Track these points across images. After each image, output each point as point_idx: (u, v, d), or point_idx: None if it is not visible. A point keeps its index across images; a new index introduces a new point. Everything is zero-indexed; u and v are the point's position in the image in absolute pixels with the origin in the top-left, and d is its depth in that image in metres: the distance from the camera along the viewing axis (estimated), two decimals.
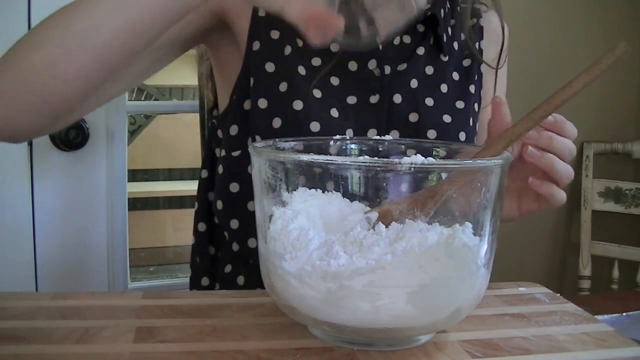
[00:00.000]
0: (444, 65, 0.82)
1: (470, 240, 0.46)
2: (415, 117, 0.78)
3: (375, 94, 0.77)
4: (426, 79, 0.80)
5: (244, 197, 0.77)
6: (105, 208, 1.24)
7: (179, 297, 0.60)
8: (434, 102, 0.79)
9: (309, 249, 0.45)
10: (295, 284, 0.46)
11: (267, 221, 0.49)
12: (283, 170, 0.49)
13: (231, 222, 0.79)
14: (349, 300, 0.45)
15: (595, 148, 1.77)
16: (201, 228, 0.85)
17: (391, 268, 0.44)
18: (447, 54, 0.82)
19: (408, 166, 0.44)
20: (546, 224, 1.82)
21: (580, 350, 0.51)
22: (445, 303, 0.47)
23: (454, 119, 0.80)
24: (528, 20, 1.68)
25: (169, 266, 2.94)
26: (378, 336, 0.47)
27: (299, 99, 0.74)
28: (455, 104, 0.81)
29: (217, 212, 0.80)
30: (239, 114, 0.78)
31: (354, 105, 0.77)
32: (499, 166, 0.47)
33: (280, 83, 0.75)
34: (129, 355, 0.47)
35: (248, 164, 0.76)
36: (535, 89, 1.72)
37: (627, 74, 1.82)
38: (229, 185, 0.78)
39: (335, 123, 0.74)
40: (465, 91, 0.83)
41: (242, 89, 0.77)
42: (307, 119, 0.73)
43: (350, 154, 0.60)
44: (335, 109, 0.75)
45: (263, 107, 0.75)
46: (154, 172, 3.27)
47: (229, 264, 0.82)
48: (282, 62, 0.76)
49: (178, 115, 2.95)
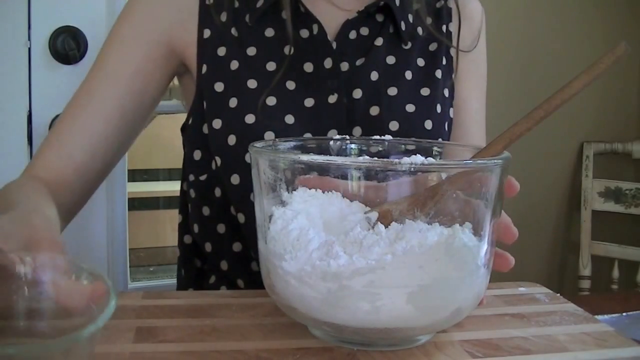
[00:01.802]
0: (406, 52, 0.79)
1: (470, 240, 0.46)
2: (376, 111, 0.75)
3: (334, 93, 0.75)
4: (388, 69, 0.78)
5: (214, 220, 0.78)
6: (105, 208, 1.24)
7: (179, 297, 0.60)
8: (397, 91, 0.77)
9: (309, 249, 0.45)
10: (295, 284, 0.46)
11: (267, 221, 0.49)
12: (283, 170, 0.49)
13: (205, 245, 0.79)
14: (349, 300, 0.45)
15: (595, 148, 1.77)
16: (187, 240, 0.84)
17: (391, 268, 0.44)
18: (407, 42, 0.80)
19: (408, 166, 0.44)
20: (546, 224, 1.82)
21: (580, 350, 0.51)
22: (445, 303, 0.47)
23: (418, 107, 0.77)
24: (528, 20, 1.68)
25: (169, 266, 2.93)
26: (378, 336, 0.47)
27: (250, 113, 0.73)
28: (420, 91, 0.78)
29: (194, 235, 0.81)
30: (199, 138, 0.77)
31: (311, 107, 0.75)
32: (499, 166, 0.47)
33: (229, 100, 0.74)
34: (129, 355, 0.47)
35: (214, 187, 0.77)
36: (535, 89, 1.72)
37: (627, 74, 1.82)
38: (201, 208, 0.78)
39: (290, 130, 0.73)
40: (430, 77, 0.80)
41: (198, 113, 0.77)
42: (261, 130, 0.72)
43: (350, 154, 0.60)
44: (291, 114, 0.74)
45: (217, 127, 0.74)
46: (154, 172, 3.27)
47: (214, 275, 0.82)
48: (230, 78, 0.75)
49: (178, 115, 2.94)
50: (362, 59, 0.77)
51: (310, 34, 0.77)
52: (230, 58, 0.76)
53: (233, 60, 0.76)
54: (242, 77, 0.75)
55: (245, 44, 0.76)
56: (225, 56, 0.76)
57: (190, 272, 0.84)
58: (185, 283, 0.84)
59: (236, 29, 0.77)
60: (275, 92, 0.74)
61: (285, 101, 0.74)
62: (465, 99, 0.85)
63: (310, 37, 0.77)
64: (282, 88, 0.75)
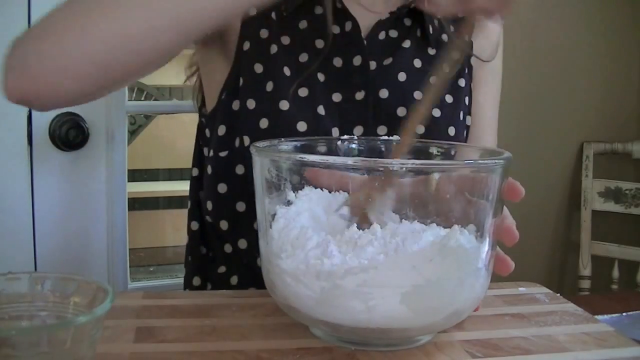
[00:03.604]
0: (432, 57, 0.81)
1: (468, 241, 0.46)
2: (403, 112, 0.77)
3: (361, 90, 0.77)
4: (414, 72, 0.79)
5: (232, 198, 0.77)
6: (105, 208, 1.24)
7: (179, 297, 0.60)
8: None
9: (306, 248, 0.45)
10: (291, 282, 0.46)
11: (268, 220, 0.49)
12: (287, 170, 0.49)
13: (221, 223, 0.79)
14: (342, 299, 0.45)
15: (595, 148, 1.77)
16: (194, 227, 0.85)
17: (384, 268, 0.44)
18: (434, 47, 0.81)
19: (406, 167, 0.44)
20: (546, 224, 1.82)
21: (580, 350, 0.51)
22: (441, 304, 0.46)
23: (443, 113, 0.79)
24: (528, 20, 1.68)
25: (169, 266, 2.94)
26: (373, 336, 0.47)
27: (284, 99, 0.73)
28: (445, 98, 0.80)
29: (208, 213, 0.80)
30: (227, 114, 0.77)
31: (339, 102, 0.76)
32: (500, 166, 0.47)
33: (267, 83, 0.75)
34: (129, 355, 0.47)
35: (236, 164, 0.76)
36: (535, 89, 1.72)
37: (627, 74, 1.82)
38: (217, 185, 0.77)
39: (322, 121, 0.74)
40: (454, 85, 0.82)
41: (231, 89, 0.77)
42: (294, 118, 0.73)
43: (352, 154, 0.60)
44: (322, 106, 0.75)
45: (251, 107, 0.74)
46: (154, 172, 3.27)
47: (223, 265, 0.82)
48: (269, 62, 0.75)
49: (178, 115, 2.94)
50: (390, 59, 0.79)
51: (342, 30, 0.77)
52: (270, 42, 0.76)
53: (272, 44, 0.76)
54: (279, 62, 0.75)
55: (281, 32, 0.77)
56: (266, 39, 0.76)
57: (196, 258, 0.85)
58: (191, 269, 0.85)
59: (275, 15, 0.77)
60: (306, 83, 0.75)
61: (316, 92, 0.75)
62: (480, 105, 0.87)
63: (341, 33, 0.77)
64: (314, 79, 0.76)
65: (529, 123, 1.70)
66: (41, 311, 0.42)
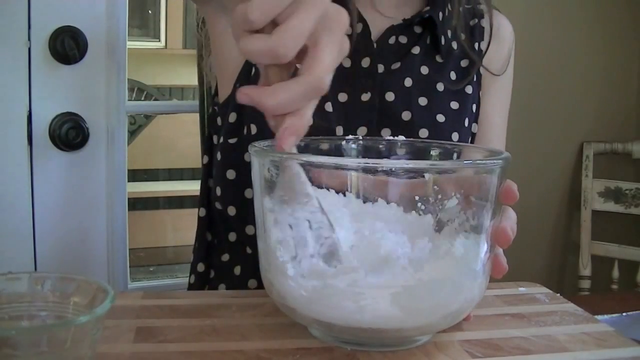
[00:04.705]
0: (440, 65, 0.82)
1: (463, 243, 0.46)
2: (408, 116, 0.78)
3: (367, 92, 0.77)
4: (421, 79, 0.80)
5: (241, 184, 0.78)
6: (105, 208, 1.24)
7: (179, 297, 0.60)
8: (427, 102, 0.79)
9: (304, 246, 0.46)
10: (286, 280, 0.46)
11: (268, 220, 0.49)
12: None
13: (229, 209, 0.79)
14: (334, 299, 0.45)
15: (595, 148, 1.77)
16: (201, 213, 0.86)
17: (374, 268, 0.44)
18: (443, 56, 0.82)
19: (405, 167, 0.44)
20: (546, 224, 1.82)
21: (580, 350, 0.51)
22: (433, 306, 0.46)
23: (448, 119, 0.80)
24: (528, 20, 1.68)
25: (169, 266, 2.94)
26: (367, 336, 0.47)
27: None
28: (450, 104, 0.81)
29: (217, 198, 0.81)
30: (238, 103, 0.78)
31: (344, 102, 0.77)
32: (498, 166, 0.47)
33: None
34: (129, 355, 0.47)
35: (244, 151, 0.77)
36: (535, 89, 1.72)
37: (627, 74, 1.82)
38: (226, 172, 0.79)
39: (329, 118, 0.75)
40: (460, 91, 0.82)
41: (244, 78, 0.78)
42: None
43: (352, 154, 0.61)
44: (330, 103, 0.76)
45: None
46: (154, 172, 3.27)
47: (227, 254, 0.83)
48: None
49: (178, 115, 2.94)
50: (398, 64, 0.79)
51: (353, 32, 0.78)
52: None
53: None
54: None
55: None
56: None
57: (202, 245, 0.86)
58: (197, 255, 0.86)
59: None
60: None
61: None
62: (489, 113, 0.87)
63: (351, 34, 0.78)
64: None
65: (528, 123, 1.70)
66: (41, 311, 0.42)
